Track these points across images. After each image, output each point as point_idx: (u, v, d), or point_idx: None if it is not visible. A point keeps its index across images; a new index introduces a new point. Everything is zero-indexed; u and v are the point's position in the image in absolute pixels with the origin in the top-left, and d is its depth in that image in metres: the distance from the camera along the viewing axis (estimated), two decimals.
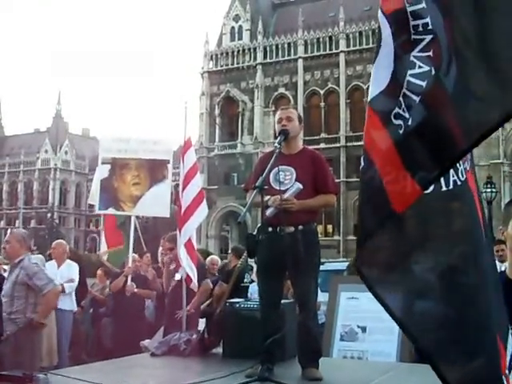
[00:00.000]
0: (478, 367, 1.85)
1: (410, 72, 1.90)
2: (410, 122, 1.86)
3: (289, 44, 50.94)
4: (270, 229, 3.80)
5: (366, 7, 46.95)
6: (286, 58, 50.71)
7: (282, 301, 4.03)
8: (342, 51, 48.71)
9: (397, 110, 1.90)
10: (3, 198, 75.58)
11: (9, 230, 5.67)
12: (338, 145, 47.34)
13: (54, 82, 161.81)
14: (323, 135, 47.91)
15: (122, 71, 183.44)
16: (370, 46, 46.31)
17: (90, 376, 3.66)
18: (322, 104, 49.19)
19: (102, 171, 7.38)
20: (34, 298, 4.95)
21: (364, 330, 5.14)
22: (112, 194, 7.27)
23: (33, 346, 4.97)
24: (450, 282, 1.90)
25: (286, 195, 3.77)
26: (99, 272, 9.22)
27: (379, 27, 2.02)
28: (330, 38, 49.60)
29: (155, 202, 7.21)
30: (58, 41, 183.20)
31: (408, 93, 1.89)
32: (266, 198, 3.70)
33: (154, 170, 7.27)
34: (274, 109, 47.26)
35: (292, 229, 3.78)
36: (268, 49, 51.59)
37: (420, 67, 1.88)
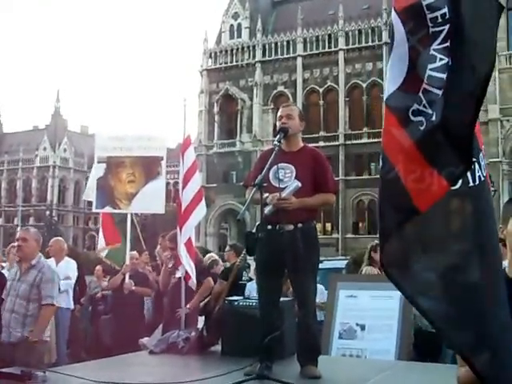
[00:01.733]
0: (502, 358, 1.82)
1: (430, 66, 1.88)
2: (433, 118, 1.84)
3: (288, 42, 50.84)
4: (269, 227, 3.80)
5: (365, 5, 46.90)
6: (285, 55, 50.61)
7: (281, 299, 4.03)
8: (341, 49, 48.61)
9: (416, 106, 1.88)
10: (2, 196, 75.40)
11: (20, 228, 5.60)
12: (336, 143, 47.28)
13: (52, 79, 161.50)
14: (322, 133, 47.85)
15: (121, 69, 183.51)
16: (369, 44, 46.33)
17: (89, 373, 3.66)
18: (321, 102, 49.11)
19: (99, 170, 7.40)
20: None
21: (363, 328, 5.14)
22: (108, 193, 7.28)
23: (38, 349, 4.88)
24: (469, 279, 1.86)
25: (283, 194, 3.75)
26: (98, 268, 9.19)
27: (392, 25, 2.01)
28: (329, 36, 49.49)
29: (150, 199, 7.23)
30: (58, 39, 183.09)
31: (429, 88, 1.87)
32: (265, 195, 3.70)
33: (148, 167, 7.27)
34: (272, 107, 47.25)
35: (291, 227, 3.78)
36: (267, 47, 51.48)
37: (441, 60, 1.87)
